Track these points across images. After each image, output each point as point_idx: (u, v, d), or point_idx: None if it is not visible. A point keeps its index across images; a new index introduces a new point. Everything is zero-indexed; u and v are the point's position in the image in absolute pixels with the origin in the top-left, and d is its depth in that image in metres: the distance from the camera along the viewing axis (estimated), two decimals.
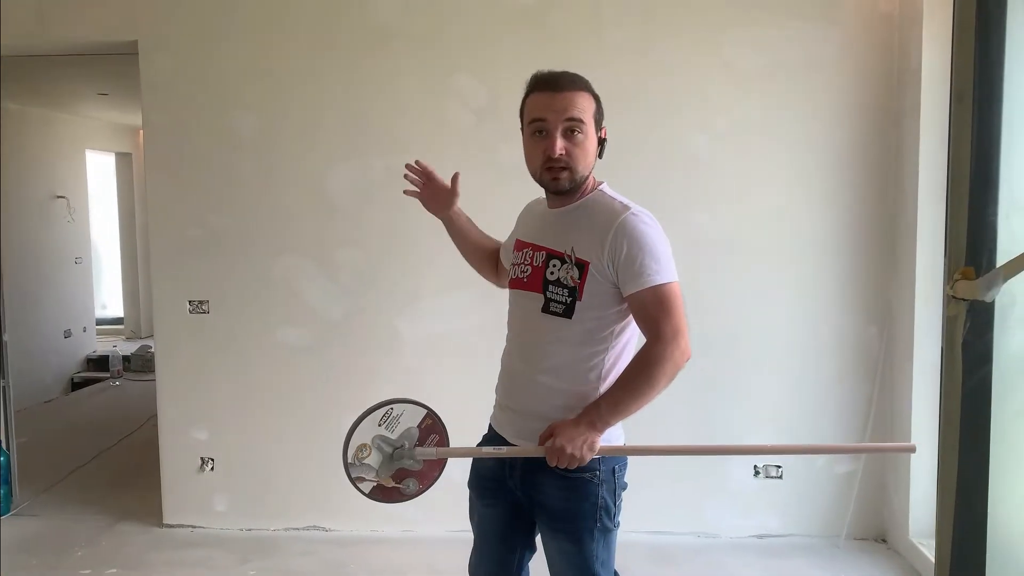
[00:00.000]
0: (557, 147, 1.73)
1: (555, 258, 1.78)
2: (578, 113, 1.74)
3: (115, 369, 7.08)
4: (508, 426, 1.90)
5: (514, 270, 1.90)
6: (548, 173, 1.77)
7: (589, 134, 1.77)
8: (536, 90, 1.80)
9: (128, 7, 3.48)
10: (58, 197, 6.92)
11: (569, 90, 1.76)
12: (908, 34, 3.25)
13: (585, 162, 1.77)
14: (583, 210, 1.82)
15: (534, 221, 1.93)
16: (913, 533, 3.27)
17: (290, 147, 3.51)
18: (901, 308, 3.35)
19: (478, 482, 1.98)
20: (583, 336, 1.77)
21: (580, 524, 1.82)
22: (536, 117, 1.76)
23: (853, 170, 3.40)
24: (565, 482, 1.79)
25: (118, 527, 3.72)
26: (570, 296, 1.74)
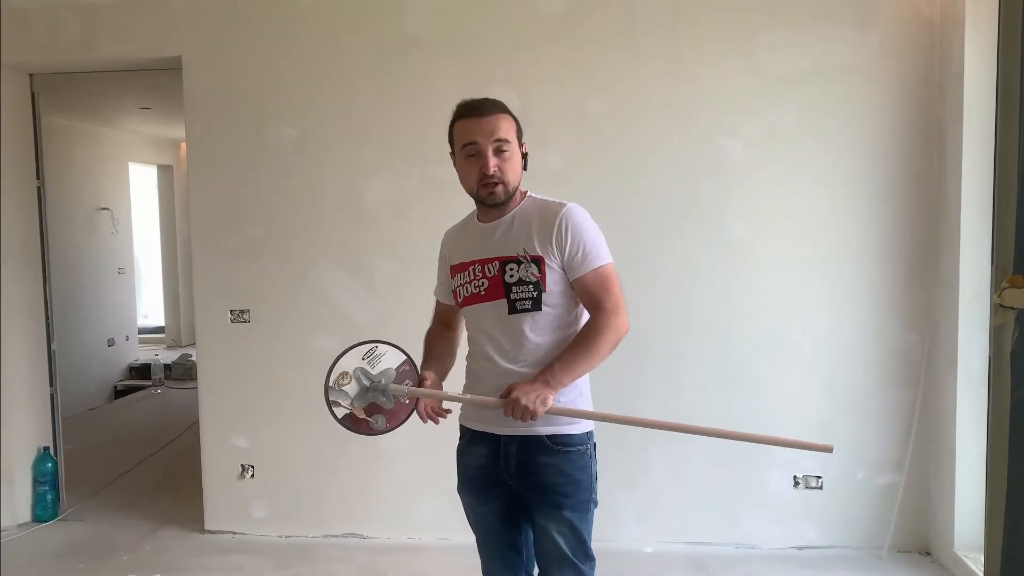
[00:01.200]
0: (491, 165, 1.93)
1: (510, 263, 1.95)
2: (503, 134, 1.94)
3: (157, 377, 7.21)
4: (498, 421, 1.96)
5: (465, 289, 2.02)
6: (484, 188, 1.95)
7: (514, 151, 1.97)
8: (463, 117, 1.98)
9: (172, 24, 3.57)
10: (102, 209, 7.09)
11: (492, 114, 1.96)
12: (950, 38, 3.20)
13: (514, 174, 1.97)
14: (521, 216, 2.00)
15: (469, 241, 2.05)
16: (958, 546, 3.20)
17: (327, 158, 3.57)
18: (944, 315, 3.29)
19: (469, 483, 2.07)
20: (553, 321, 1.96)
21: (580, 496, 1.97)
22: (468, 141, 1.95)
23: (894, 175, 3.35)
24: (562, 456, 1.95)
25: (161, 532, 3.79)
26: (535, 290, 1.93)
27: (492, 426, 1.99)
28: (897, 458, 3.42)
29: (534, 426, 1.92)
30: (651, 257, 3.44)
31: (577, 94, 3.43)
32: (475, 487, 2.06)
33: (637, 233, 3.42)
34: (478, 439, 2.03)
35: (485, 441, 2.01)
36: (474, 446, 2.04)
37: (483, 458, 2.01)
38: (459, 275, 2.04)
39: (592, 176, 3.45)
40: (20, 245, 3.92)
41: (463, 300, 2.03)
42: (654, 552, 3.47)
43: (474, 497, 2.07)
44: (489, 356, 1.98)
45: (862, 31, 3.29)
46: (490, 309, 1.97)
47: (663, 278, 3.46)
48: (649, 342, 3.44)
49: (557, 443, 1.95)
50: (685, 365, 3.46)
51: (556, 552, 1.96)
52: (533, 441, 1.95)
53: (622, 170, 3.44)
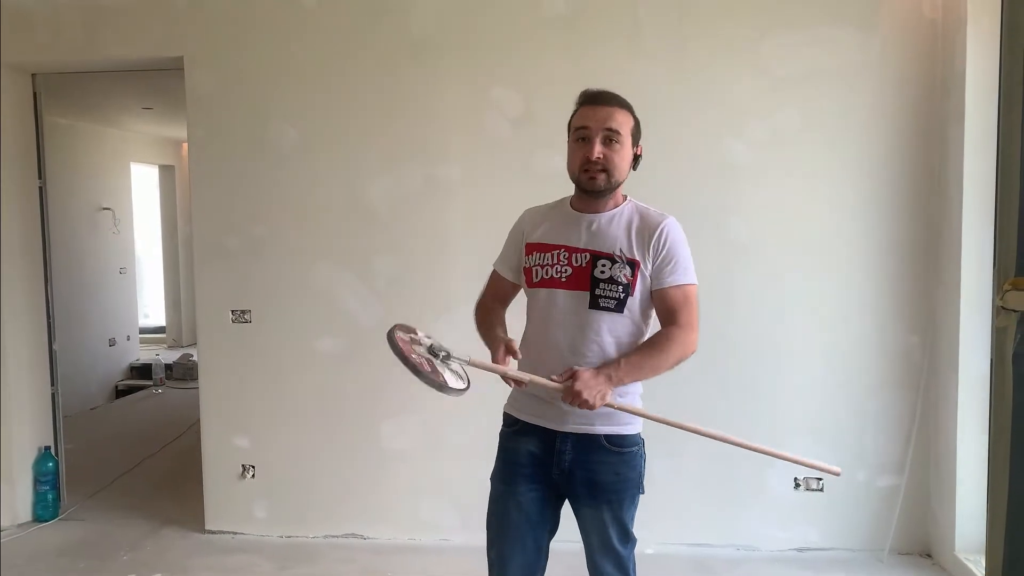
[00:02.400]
0: (596, 150, 1.96)
1: (603, 259, 1.97)
2: (616, 125, 1.97)
3: (158, 377, 7.22)
4: (558, 417, 1.99)
5: (544, 271, 2.02)
6: (585, 174, 1.98)
7: (625, 145, 2.00)
8: (583, 104, 2.03)
9: (174, 25, 3.57)
10: (104, 209, 7.09)
11: (610, 105, 2.00)
12: (952, 39, 3.20)
13: (620, 168, 1.99)
14: (622, 216, 2.03)
15: (558, 224, 2.06)
16: (959, 548, 3.20)
17: (329, 158, 3.57)
18: (945, 318, 3.28)
19: (514, 471, 2.07)
20: (628, 327, 1.99)
21: (628, 492, 2.04)
22: (580, 125, 2.00)
23: (895, 177, 3.35)
24: (619, 457, 2.01)
25: (162, 532, 3.79)
26: (624, 292, 1.96)
27: (550, 421, 2.01)
28: (898, 460, 3.42)
29: (592, 424, 1.97)
30: None
31: None
32: (519, 476, 2.05)
33: None
34: (529, 431, 2.05)
35: (537, 434, 2.03)
36: (525, 436, 2.06)
37: (535, 449, 2.03)
38: (538, 255, 2.04)
39: None
40: (22, 245, 3.92)
41: (539, 281, 2.02)
42: (655, 554, 3.47)
43: (514, 486, 2.06)
44: (554, 345, 1.98)
45: (865, 32, 3.29)
46: (568, 298, 1.98)
47: None
48: None
49: (613, 443, 2.00)
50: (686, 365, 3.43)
51: (604, 542, 2.03)
52: (590, 439, 1.99)
53: None
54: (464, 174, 3.49)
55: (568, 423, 1.99)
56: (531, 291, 2.07)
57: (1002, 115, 1.40)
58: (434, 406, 3.57)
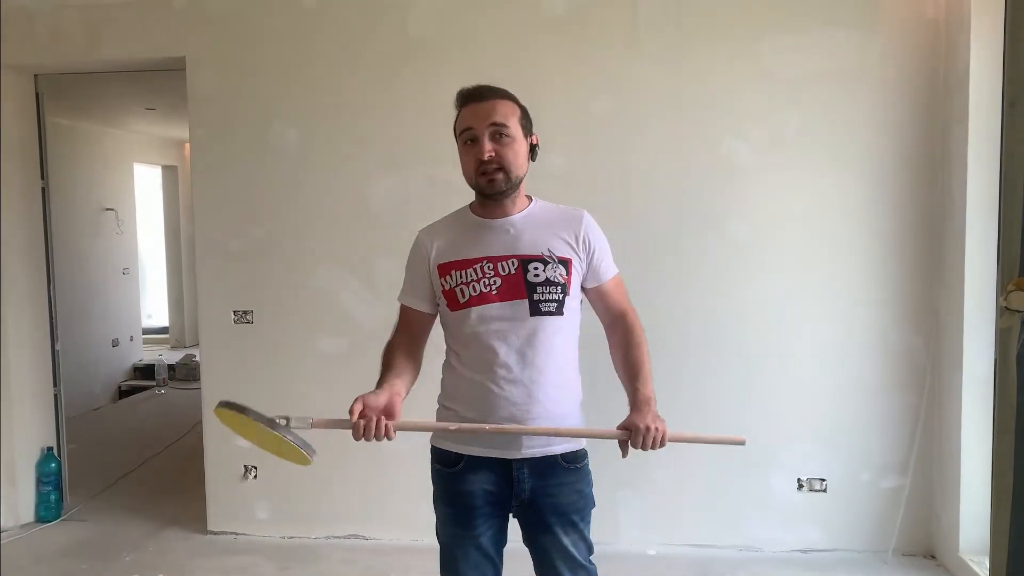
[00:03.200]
0: (486, 150, 1.83)
1: (534, 262, 1.86)
2: (500, 118, 1.84)
3: (161, 378, 7.22)
4: (512, 443, 1.85)
5: (470, 288, 1.86)
6: (483, 177, 1.85)
7: (517, 137, 1.87)
8: (462, 105, 1.90)
9: (176, 25, 3.58)
10: (107, 209, 7.10)
11: (492, 99, 1.88)
12: (955, 39, 3.19)
13: (517, 163, 1.86)
14: (537, 216, 1.94)
15: (468, 237, 1.92)
16: (963, 549, 3.18)
17: (331, 159, 3.57)
18: (949, 319, 3.27)
19: (467, 514, 1.90)
20: (568, 328, 1.90)
21: (589, 508, 1.95)
22: (464, 127, 1.87)
23: (898, 178, 3.34)
24: (576, 474, 1.91)
25: (164, 533, 3.79)
26: (562, 292, 1.86)
27: (503, 449, 1.86)
28: (902, 461, 3.41)
29: (550, 444, 1.86)
30: (655, 259, 3.44)
31: (581, 96, 3.42)
32: (475, 517, 1.89)
33: (641, 236, 3.42)
34: (479, 466, 1.88)
35: (489, 467, 1.87)
36: (474, 474, 1.88)
37: (490, 485, 1.87)
38: (457, 273, 1.88)
39: (596, 178, 3.44)
40: (24, 245, 3.93)
41: (468, 300, 1.86)
42: (657, 555, 3.47)
43: (471, 528, 1.90)
44: (501, 363, 1.84)
45: (867, 33, 3.28)
46: (504, 310, 1.84)
47: (666, 281, 3.45)
48: (654, 344, 3.42)
49: (569, 461, 1.90)
50: (689, 367, 3.45)
51: (571, 562, 1.90)
52: (547, 462, 1.87)
53: (626, 172, 3.43)
54: None
55: (524, 447, 1.84)
56: (458, 315, 1.88)
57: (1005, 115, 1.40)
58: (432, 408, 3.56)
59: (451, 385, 1.97)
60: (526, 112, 1.94)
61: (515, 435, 1.84)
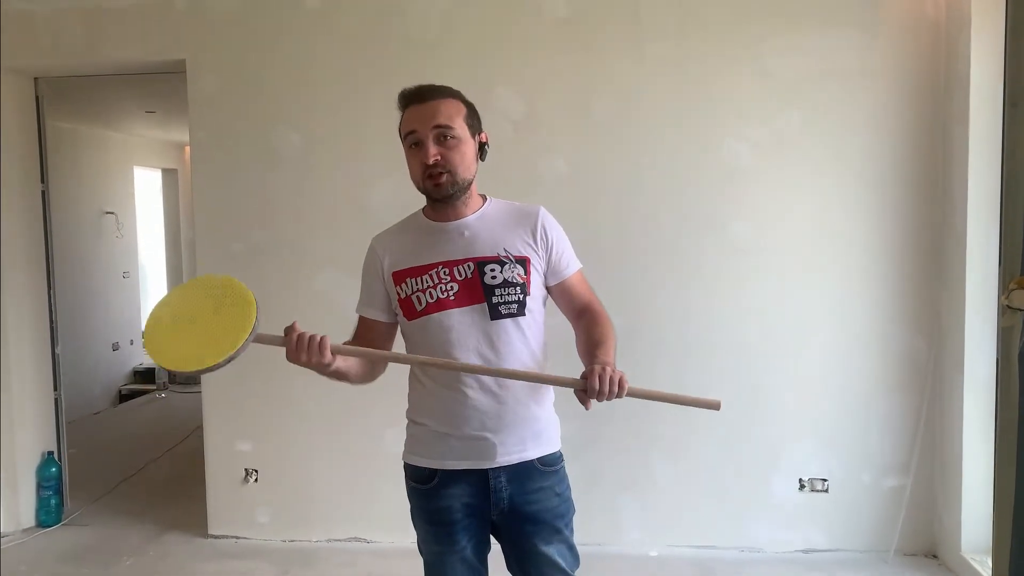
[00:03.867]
0: (431, 154, 1.76)
1: (490, 263, 1.80)
2: (444, 120, 1.78)
3: (161, 381, 7.22)
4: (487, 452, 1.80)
5: (425, 295, 1.81)
6: (429, 181, 1.79)
7: (463, 138, 1.80)
8: (405, 106, 1.84)
9: (176, 28, 3.58)
10: (107, 213, 7.10)
11: (434, 99, 1.81)
12: (955, 40, 3.19)
13: (464, 165, 1.80)
14: (491, 216, 1.87)
15: (421, 242, 1.87)
16: (965, 549, 3.18)
17: (332, 162, 3.57)
18: (950, 319, 3.27)
19: (446, 530, 1.85)
20: (533, 328, 1.84)
21: (570, 511, 1.90)
22: (408, 131, 1.81)
23: (899, 179, 3.34)
24: (553, 477, 1.86)
25: (165, 537, 3.78)
26: (521, 292, 1.80)
27: (479, 459, 1.80)
28: (903, 461, 3.41)
29: (525, 449, 1.81)
30: (657, 261, 3.43)
31: (583, 98, 3.42)
32: (456, 532, 1.84)
33: (643, 237, 3.42)
34: (454, 479, 1.82)
35: (466, 479, 1.82)
36: (450, 488, 1.82)
37: (468, 497, 1.82)
38: (412, 280, 1.83)
39: (598, 181, 3.44)
40: (25, 249, 3.92)
41: (425, 308, 1.80)
42: (659, 556, 3.46)
43: (454, 544, 1.85)
44: (455, 376, 1.79)
45: (867, 33, 3.29)
46: (463, 316, 1.78)
47: (667, 281, 3.45)
48: (656, 344, 3.44)
49: (546, 464, 1.85)
50: (691, 368, 3.44)
51: (555, 571, 1.85)
52: (524, 468, 1.82)
53: (628, 174, 3.43)
54: None
55: (499, 455, 1.79)
56: (416, 324, 1.82)
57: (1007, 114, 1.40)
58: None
59: (418, 400, 1.91)
60: (473, 110, 1.87)
61: (490, 446, 1.79)
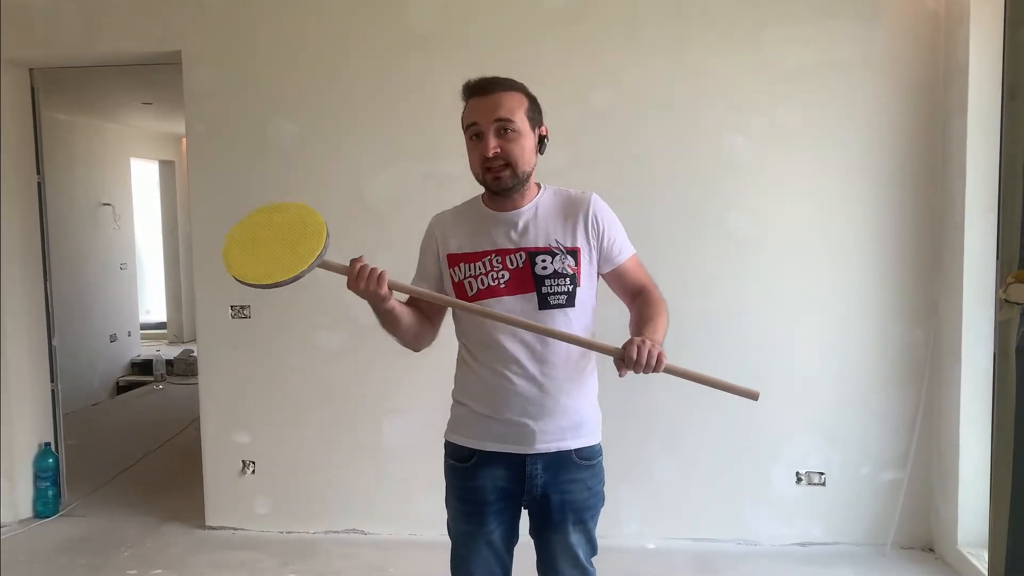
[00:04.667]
0: (491, 146, 1.79)
1: (542, 254, 1.83)
2: (506, 113, 1.80)
3: (159, 373, 7.22)
4: (527, 438, 1.84)
5: (479, 281, 1.85)
6: (488, 174, 1.83)
7: (523, 131, 1.82)
8: (468, 98, 1.87)
9: (172, 19, 3.56)
10: (104, 204, 7.08)
11: (497, 92, 1.83)
12: (954, 31, 3.18)
13: (524, 158, 1.82)
14: (545, 206, 1.89)
15: (478, 229, 1.90)
16: (962, 542, 3.19)
17: (329, 153, 3.55)
18: (948, 312, 3.27)
19: (482, 508, 1.89)
20: (582, 319, 1.85)
21: (598, 507, 1.94)
22: (471, 122, 1.84)
23: (897, 171, 3.33)
24: (589, 471, 1.89)
25: (163, 528, 3.79)
26: (571, 284, 1.82)
27: (518, 444, 1.84)
28: (901, 454, 3.41)
29: (564, 439, 1.84)
30: (655, 253, 3.40)
31: (581, 89, 3.41)
32: (487, 513, 1.88)
33: (641, 229, 3.36)
34: (492, 460, 1.86)
35: (503, 462, 1.85)
36: (486, 468, 1.87)
37: (504, 481, 1.86)
38: (465, 265, 1.87)
39: (596, 172, 3.43)
40: (21, 241, 3.91)
41: (476, 293, 1.84)
42: (657, 549, 3.47)
43: (483, 525, 1.89)
44: (512, 359, 1.82)
45: (866, 25, 3.27)
46: (514, 303, 1.81)
47: (667, 274, 3.40)
48: None
49: (583, 457, 1.88)
50: (689, 360, 3.43)
51: (572, 560, 1.90)
52: (560, 458, 1.85)
53: (626, 165, 3.42)
54: (464, 169, 3.46)
55: (538, 442, 1.83)
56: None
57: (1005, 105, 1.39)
58: (435, 402, 3.55)
59: (464, 381, 1.94)
60: (535, 102, 1.89)
61: (528, 433, 1.82)
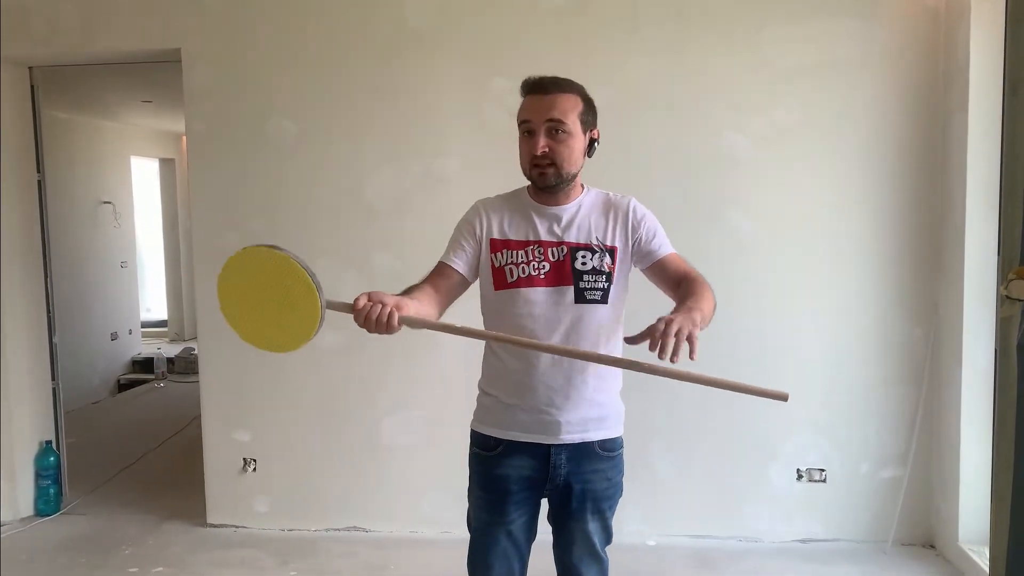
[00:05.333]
0: (540, 145, 1.85)
1: (582, 250, 1.89)
2: (558, 114, 1.85)
3: (160, 371, 7.22)
4: (552, 429, 1.89)
5: (518, 269, 1.90)
6: (535, 170, 1.89)
7: (574, 133, 1.87)
8: (525, 94, 1.92)
9: (171, 17, 3.56)
10: (104, 203, 7.08)
11: (553, 92, 1.88)
12: (955, 28, 3.17)
13: (571, 160, 1.88)
14: (590, 206, 1.96)
15: (524, 219, 1.94)
16: (963, 539, 3.19)
17: (329, 152, 3.55)
18: (948, 309, 3.27)
19: (504, 498, 1.93)
20: (613, 316, 1.92)
21: (617, 497, 2.00)
22: (524, 119, 1.90)
23: (898, 169, 3.33)
24: (610, 462, 1.95)
25: (164, 526, 3.79)
26: (607, 281, 1.89)
27: (543, 435, 1.89)
28: (901, 451, 3.41)
29: (587, 431, 1.90)
30: None
31: None
32: (509, 503, 1.93)
33: None
34: (517, 450, 1.91)
35: (528, 452, 1.91)
36: (512, 458, 1.92)
37: (528, 470, 1.91)
38: (508, 252, 1.91)
39: (594, 170, 3.39)
40: (21, 239, 3.91)
41: (516, 280, 1.88)
42: (657, 545, 3.47)
43: (504, 515, 1.94)
44: (535, 353, 1.87)
45: (866, 23, 3.27)
46: (548, 295, 1.87)
47: None
48: None
49: (605, 448, 1.94)
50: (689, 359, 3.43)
51: (590, 551, 1.97)
52: (584, 448, 1.91)
53: (625, 164, 3.41)
54: (463, 166, 3.47)
55: (563, 433, 1.89)
56: (504, 295, 1.90)
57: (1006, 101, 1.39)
58: (436, 400, 3.57)
59: (491, 371, 1.99)
60: (590, 105, 1.93)
61: (554, 423, 1.88)
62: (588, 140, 1.93)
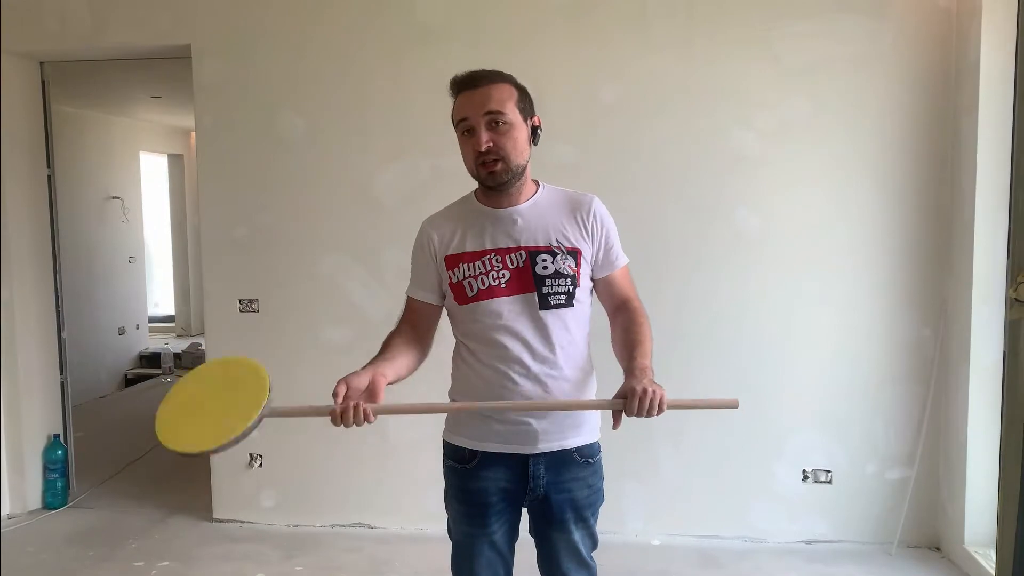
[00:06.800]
0: (483, 141, 1.75)
1: (542, 253, 1.80)
2: (496, 105, 1.75)
3: (167, 366, 7.25)
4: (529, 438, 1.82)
5: (478, 281, 1.82)
6: (483, 169, 1.78)
7: (515, 123, 1.78)
8: (457, 93, 1.82)
9: (181, 12, 3.57)
10: (113, 198, 7.11)
11: (485, 85, 1.78)
12: (966, 28, 3.16)
13: (517, 150, 1.78)
14: (545, 204, 1.86)
15: (475, 228, 1.85)
16: (969, 541, 3.18)
17: (337, 148, 3.56)
18: (957, 310, 3.25)
19: (483, 510, 1.87)
20: (579, 319, 1.85)
21: (599, 503, 1.94)
22: (461, 117, 1.79)
23: (907, 168, 3.32)
24: (588, 469, 1.88)
25: (170, 520, 3.80)
26: (571, 284, 1.81)
27: (521, 444, 1.82)
28: (908, 453, 3.40)
29: (565, 438, 1.83)
30: (663, 249, 3.42)
31: (590, 84, 3.40)
32: (489, 515, 1.87)
33: (649, 225, 3.40)
34: (494, 462, 1.84)
35: (505, 463, 1.84)
36: (488, 470, 1.85)
37: (505, 482, 1.84)
38: (465, 266, 1.83)
39: (604, 168, 3.42)
40: (31, 234, 3.93)
41: (477, 294, 1.81)
42: (662, 545, 3.47)
43: (485, 527, 1.87)
44: (514, 358, 1.79)
45: (878, 21, 3.26)
46: (512, 304, 1.79)
47: (675, 270, 3.43)
48: (661, 334, 3.41)
49: (584, 455, 1.87)
50: (697, 358, 3.44)
51: (575, 557, 1.90)
52: (562, 457, 1.84)
53: (635, 161, 3.41)
54: None
55: (541, 442, 1.81)
56: (466, 309, 1.83)
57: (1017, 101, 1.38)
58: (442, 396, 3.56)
59: (463, 380, 1.92)
60: (525, 93, 1.85)
61: (531, 432, 1.81)
62: (530, 128, 1.83)
